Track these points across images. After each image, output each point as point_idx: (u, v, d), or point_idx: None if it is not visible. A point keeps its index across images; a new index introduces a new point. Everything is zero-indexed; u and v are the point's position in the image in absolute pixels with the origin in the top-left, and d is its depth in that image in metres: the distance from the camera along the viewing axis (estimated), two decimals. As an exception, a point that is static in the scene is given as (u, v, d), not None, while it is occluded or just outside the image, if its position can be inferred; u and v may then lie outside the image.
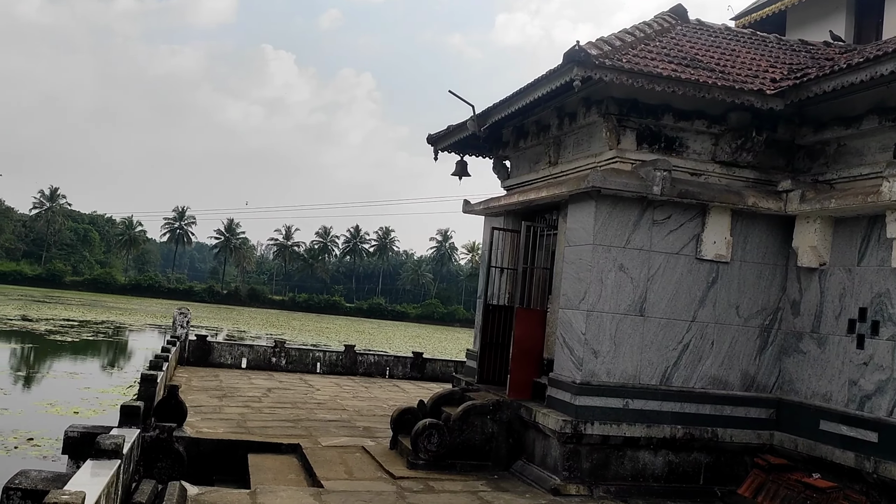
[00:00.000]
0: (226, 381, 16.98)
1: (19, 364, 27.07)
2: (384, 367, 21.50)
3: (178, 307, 21.59)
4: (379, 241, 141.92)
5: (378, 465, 9.70)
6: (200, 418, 11.88)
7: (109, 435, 6.58)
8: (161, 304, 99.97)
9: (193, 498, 7.55)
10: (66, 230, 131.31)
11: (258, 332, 54.78)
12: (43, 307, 63.96)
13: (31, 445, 13.83)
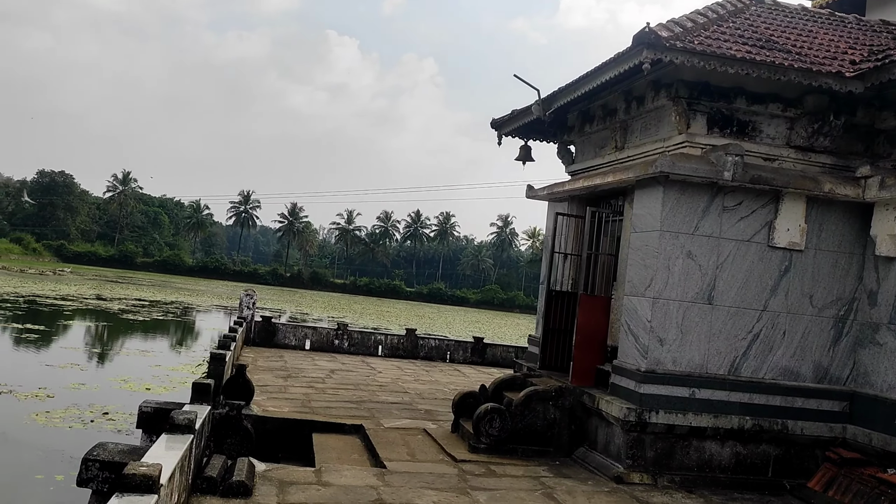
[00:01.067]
0: (290, 362, 17.33)
1: (94, 341, 28.16)
2: (445, 352, 21.61)
3: (245, 289, 22.08)
4: (439, 227, 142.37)
5: (440, 448, 9.77)
6: (266, 397, 12.16)
7: (183, 411, 6.79)
8: (227, 285, 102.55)
9: (261, 474, 7.74)
10: (137, 213, 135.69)
11: (320, 314, 55.71)
12: (116, 287, 66.34)
13: (107, 419, 14.39)
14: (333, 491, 7.44)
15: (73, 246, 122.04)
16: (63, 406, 15.07)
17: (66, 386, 17.51)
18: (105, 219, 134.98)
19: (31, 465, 11.25)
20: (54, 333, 29.59)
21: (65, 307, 40.41)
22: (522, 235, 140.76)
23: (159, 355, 26.04)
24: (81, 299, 47.14)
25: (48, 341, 26.61)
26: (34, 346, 24.80)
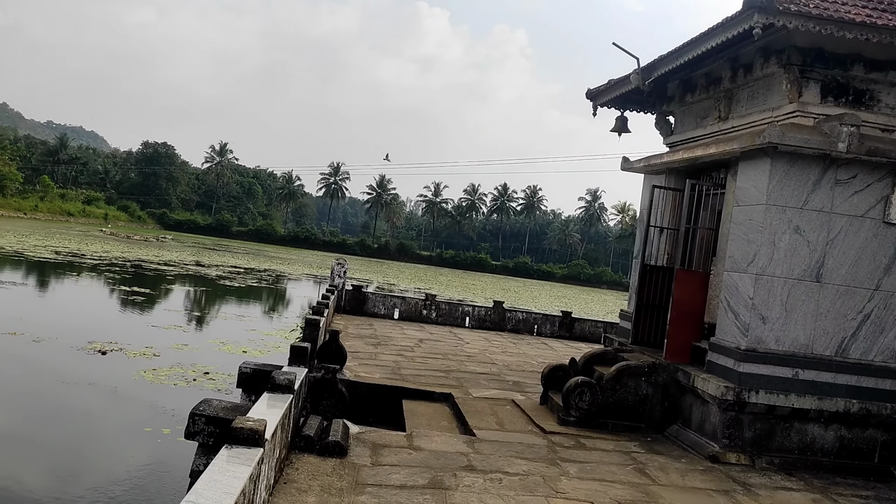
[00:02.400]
0: (379, 330, 17.64)
1: (193, 305, 29.44)
2: (532, 325, 21.54)
3: (336, 258, 22.56)
4: (526, 200, 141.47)
5: (528, 419, 9.77)
6: (357, 363, 12.42)
7: (283, 371, 7.01)
8: (316, 255, 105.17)
9: (355, 435, 7.93)
10: (233, 183, 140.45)
11: (406, 285, 56.43)
12: (213, 254, 69.03)
13: (207, 379, 15.05)
14: (425, 455, 7.55)
15: (174, 214, 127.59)
16: (168, 365, 15.85)
17: (171, 346, 18.39)
18: (203, 188, 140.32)
19: (140, 419, 11.90)
20: (158, 297, 31.10)
21: (167, 272, 42.36)
22: (612, 210, 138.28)
23: (254, 320, 27.00)
24: (182, 265, 49.30)
25: (153, 304, 28.00)
26: (140, 307, 26.14)
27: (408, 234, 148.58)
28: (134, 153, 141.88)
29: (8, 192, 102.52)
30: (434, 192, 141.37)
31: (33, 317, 21.68)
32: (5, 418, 11.71)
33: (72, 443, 10.85)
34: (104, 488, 8.86)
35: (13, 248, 44.90)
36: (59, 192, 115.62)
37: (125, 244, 67.73)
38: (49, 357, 15.89)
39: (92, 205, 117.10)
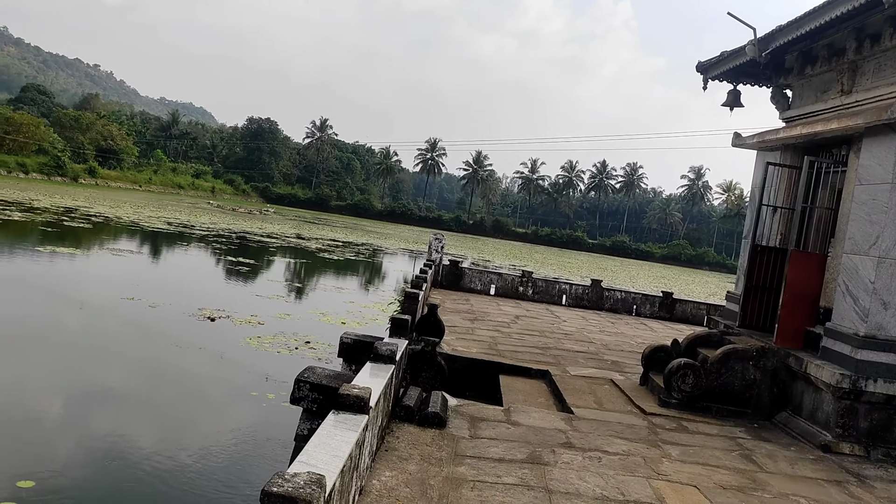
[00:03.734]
0: (476, 306, 17.70)
1: (294, 276, 30.36)
2: (631, 305, 21.13)
3: (434, 233, 22.72)
4: (626, 178, 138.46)
5: (627, 400, 9.60)
6: (455, 337, 12.51)
7: (385, 342, 7.12)
8: (412, 230, 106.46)
9: (453, 408, 8.00)
10: (332, 158, 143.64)
11: (501, 262, 56.38)
12: (313, 227, 70.97)
13: (308, 348, 15.51)
14: (523, 430, 7.54)
15: (276, 188, 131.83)
16: (271, 333, 16.43)
17: (274, 315, 19.05)
18: (304, 163, 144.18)
19: (246, 384, 12.40)
20: (261, 267, 32.25)
21: (269, 244, 43.86)
22: (716, 189, 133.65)
23: (352, 293, 27.63)
24: (283, 237, 50.93)
25: (256, 274, 29.07)
26: (245, 277, 27.18)
27: (503, 210, 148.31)
28: (239, 129, 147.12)
29: (125, 166, 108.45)
30: (531, 168, 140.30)
31: (148, 284, 22.91)
32: (123, 378, 12.45)
33: (182, 403, 11.43)
34: (212, 448, 9.30)
35: (130, 218, 47.50)
36: (171, 166, 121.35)
37: (230, 216, 70.54)
38: (163, 322, 16.76)
39: (200, 178, 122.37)
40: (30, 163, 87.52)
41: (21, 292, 19.17)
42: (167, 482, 7.95)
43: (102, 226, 40.17)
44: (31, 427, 9.33)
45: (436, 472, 5.96)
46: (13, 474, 7.39)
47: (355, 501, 4.90)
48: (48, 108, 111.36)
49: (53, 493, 7.19)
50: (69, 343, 14.34)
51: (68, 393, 11.15)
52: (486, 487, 5.79)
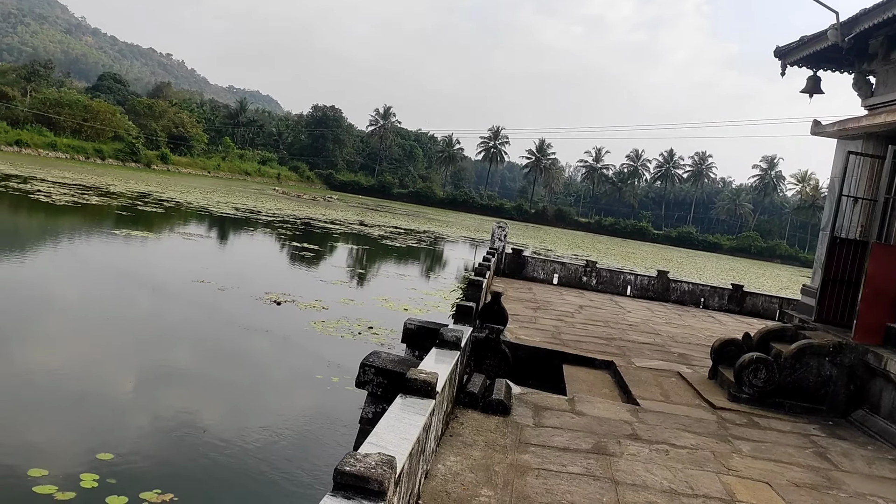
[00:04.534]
0: (539, 295, 17.57)
1: (357, 262, 30.69)
2: (698, 297, 20.65)
3: (497, 221, 22.64)
4: (694, 167, 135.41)
5: (696, 393, 9.39)
6: (518, 326, 12.44)
7: (451, 328, 7.13)
8: (473, 218, 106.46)
9: (517, 396, 7.96)
10: (395, 146, 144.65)
11: (563, 251, 55.90)
12: (375, 215, 71.65)
13: (371, 333, 15.67)
14: (587, 420, 7.45)
15: (340, 175, 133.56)
16: (335, 318, 16.65)
17: (338, 300, 19.31)
18: (367, 151, 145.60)
19: (310, 367, 12.60)
20: (325, 253, 32.75)
21: (333, 230, 44.47)
22: (790, 179, 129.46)
23: (414, 280, 27.79)
24: (347, 224, 51.57)
25: (320, 259, 29.53)
26: (309, 263, 27.63)
27: (566, 199, 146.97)
28: (304, 116, 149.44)
29: (195, 152, 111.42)
30: (595, 157, 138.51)
31: (217, 267, 23.50)
32: (193, 359, 12.81)
33: (249, 384, 11.69)
34: (277, 428, 9.49)
35: (199, 203, 48.79)
36: (238, 153, 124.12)
37: (295, 203, 71.78)
38: (231, 305, 17.16)
39: (266, 165, 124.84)
40: (106, 149, 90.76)
41: (98, 274, 19.92)
42: (234, 459, 8.15)
43: (173, 210, 41.38)
44: (108, 403, 9.68)
45: (500, 459, 5.94)
46: (94, 447, 7.69)
47: (421, 484, 4.91)
48: (123, 97, 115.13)
49: (129, 466, 7.45)
50: (142, 323, 14.82)
51: (141, 371, 11.54)
52: (551, 476, 5.74)
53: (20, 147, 79.39)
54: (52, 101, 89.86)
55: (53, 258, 21.71)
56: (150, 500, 6.74)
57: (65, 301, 15.91)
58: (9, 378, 10.08)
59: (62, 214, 30.83)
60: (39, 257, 21.63)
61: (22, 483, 6.72)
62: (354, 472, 3.10)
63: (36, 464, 7.07)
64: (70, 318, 14.30)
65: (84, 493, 6.66)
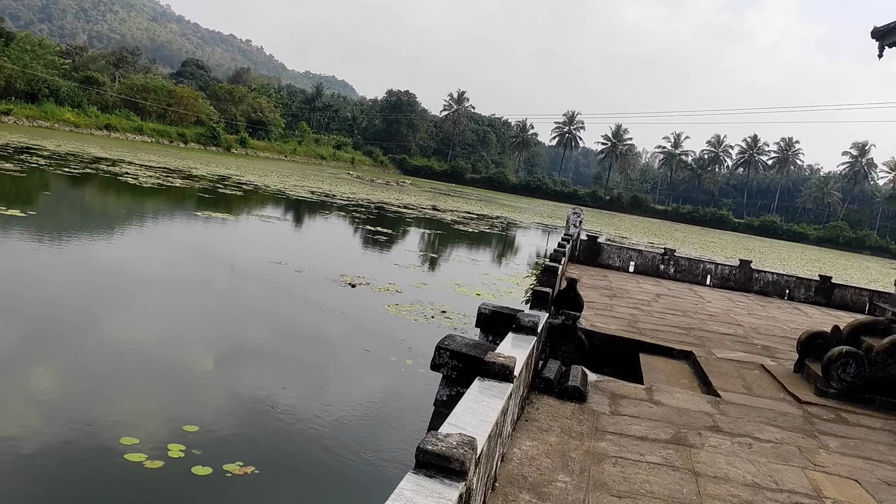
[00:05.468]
0: (614, 282, 17.30)
1: (429, 247, 30.84)
2: (783, 288, 19.93)
3: (573, 207, 22.37)
4: (779, 154, 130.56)
5: (780, 386, 9.07)
6: (593, 313, 12.28)
7: (528, 314, 7.08)
8: (546, 204, 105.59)
9: (593, 383, 7.86)
10: (468, 131, 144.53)
11: (638, 239, 54.89)
12: (448, 199, 71.82)
13: (444, 317, 15.73)
14: (666, 410, 7.30)
15: (413, 160, 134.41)
16: (409, 301, 16.79)
17: (411, 284, 19.46)
18: (440, 136, 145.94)
19: (384, 349, 12.75)
20: (398, 237, 33.03)
21: (406, 215, 44.80)
22: (882, 167, 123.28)
23: (485, 265, 27.76)
24: (420, 209, 51.86)
25: (394, 243, 29.80)
26: (382, 246, 27.92)
27: (642, 186, 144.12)
28: (379, 101, 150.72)
29: (272, 137, 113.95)
30: (674, 142, 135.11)
31: (293, 249, 24.00)
32: (270, 337, 13.13)
33: (325, 364, 11.91)
34: (351, 407, 9.64)
35: (276, 186, 49.91)
36: (314, 137, 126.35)
37: (369, 187, 72.61)
38: (307, 286, 17.51)
39: (341, 149, 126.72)
40: (189, 133, 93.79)
41: (180, 254, 20.63)
42: (311, 436, 8.32)
43: (252, 193, 42.46)
44: (192, 378, 10.03)
45: (576, 446, 5.88)
46: (180, 419, 7.99)
47: (498, 467, 4.91)
48: (205, 82, 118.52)
49: (213, 438, 7.71)
50: (222, 302, 15.28)
51: (222, 348, 11.91)
52: (628, 465, 5.65)
53: (109, 131, 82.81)
54: (138, 86, 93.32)
55: (140, 238, 22.60)
56: (232, 471, 6.96)
57: (150, 280, 16.55)
58: (100, 352, 10.56)
59: (148, 196, 32.03)
60: (127, 237, 22.55)
61: (115, 450, 7.04)
62: (436, 451, 3.11)
63: (127, 433, 7.40)
64: (155, 296, 14.86)
65: (171, 462, 6.92)
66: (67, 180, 32.81)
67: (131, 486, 6.53)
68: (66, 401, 8.32)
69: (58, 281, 14.67)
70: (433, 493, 2.97)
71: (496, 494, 4.71)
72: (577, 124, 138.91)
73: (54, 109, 78.97)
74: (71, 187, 31.12)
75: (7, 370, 9.15)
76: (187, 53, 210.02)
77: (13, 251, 16.69)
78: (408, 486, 2.97)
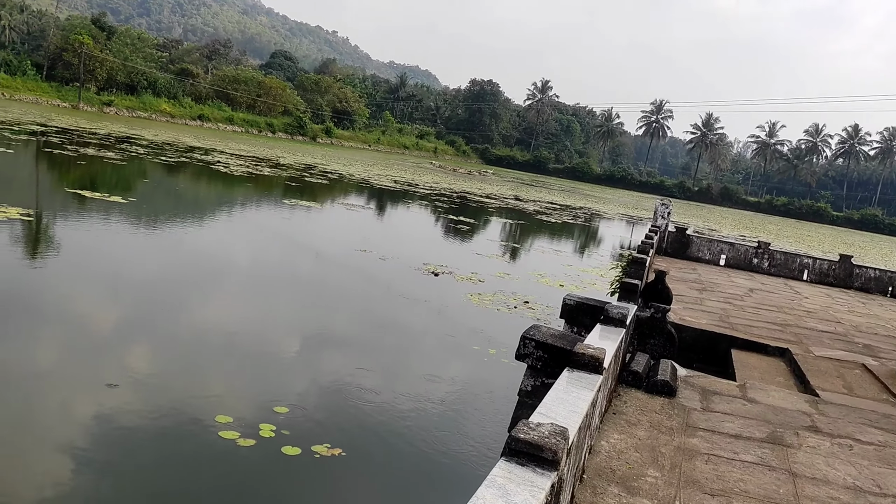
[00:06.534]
0: (704, 276, 16.81)
1: (511, 237, 30.70)
2: (887, 285, 18.88)
3: (661, 198, 21.84)
4: (883, 143, 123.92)
5: (883, 387, 8.61)
6: (682, 307, 11.95)
7: (617, 305, 6.95)
8: (631, 195, 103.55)
9: (683, 378, 7.65)
10: (552, 121, 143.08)
11: (728, 231, 53.23)
12: (530, 190, 71.36)
13: (527, 308, 15.64)
14: (761, 409, 7.03)
15: (495, 150, 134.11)
16: (491, 291, 16.76)
17: (493, 274, 19.43)
18: (523, 125, 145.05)
19: (467, 338, 12.77)
20: (480, 227, 33.05)
21: (488, 205, 44.74)
22: None
23: (568, 256, 27.47)
24: (502, 198, 51.72)
25: (475, 232, 29.83)
26: (464, 236, 27.97)
27: (733, 177, 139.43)
28: (462, 91, 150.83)
29: (357, 126, 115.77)
30: (768, 132, 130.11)
31: (378, 237, 24.36)
32: (355, 324, 13.35)
33: (409, 351, 12.03)
34: (435, 394, 9.69)
35: (360, 175, 50.71)
36: (397, 127, 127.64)
37: (451, 176, 72.88)
38: (391, 274, 17.73)
39: (424, 139, 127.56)
40: (276, 123, 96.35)
41: (268, 240, 21.23)
42: (395, 422, 8.42)
43: (336, 182, 43.27)
44: (280, 360, 10.32)
45: (666, 441, 5.74)
46: (270, 400, 8.23)
47: (586, 459, 4.84)
48: (293, 73, 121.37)
49: (302, 420, 7.90)
50: (309, 288, 15.64)
51: (309, 333, 12.19)
52: (721, 462, 5.47)
53: (202, 121, 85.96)
54: (229, 77, 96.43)
55: (230, 225, 23.37)
56: (320, 452, 7.12)
57: (239, 265, 17.10)
58: (193, 333, 10.98)
59: (238, 184, 33.07)
60: (218, 224, 23.36)
61: (210, 426, 7.31)
62: (528, 439, 3.08)
63: (222, 411, 7.67)
64: (244, 281, 15.34)
65: (262, 441, 7.13)
66: (164, 168, 34.23)
67: (225, 462, 6.76)
68: (165, 378, 8.69)
69: (154, 264, 15.34)
70: (525, 481, 2.94)
71: (584, 486, 4.64)
72: (665, 113, 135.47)
73: (152, 100, 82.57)
74: (167, 175, 32.45)
75: (109, 348, 9.63)
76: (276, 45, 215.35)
77: (116, 235, 17.54)
78: (500, 474, 2.95)
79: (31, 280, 12.51)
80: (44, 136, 38.14)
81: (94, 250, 15.49)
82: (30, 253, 14.37)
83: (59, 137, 38.59)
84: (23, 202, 18.90)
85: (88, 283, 13.02)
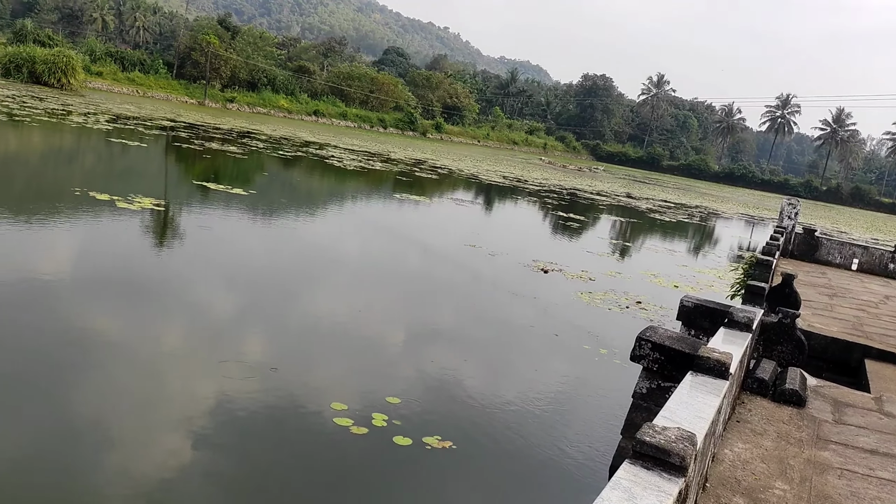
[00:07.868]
0: (834, 281, 15.85)
1: (622, 235, 29.99)
2: None
3: (788, 198, 20.73)
4: None
5: None
6: (810, 313, 11.31)
7: (743, 309, 6.64)
8: (752, 194, 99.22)
9: (812, 388, 7.22)
10: (667, 116, 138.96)
11: (859, 234, 50.04)
12: (643, 187, 69.56)
13: (639, 308, 15.23)
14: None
15: (607, 146, 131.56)
16: (602, 290, 16.43)
17: (604, 272, 19.04)
18: (637, 121, 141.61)
19: (577, 337, 12.56)
20: (590, 224, 32.47)
21: (599, 202, 43.92)
22: None
23: (683, 256, 26.57)
24: (613, 196, 50.67)
25: (585, 230, 29.33)
26: (574, 233, 27.56)
27: (865, 177, 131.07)
28: (573, 86, 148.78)
29: (466, 122, 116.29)
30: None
31: (487, 232, 24.35)
32: (464, 319, 13.38)
33: (517, 348, 11.91)
34: (545, 392, 9.57)
35: (469, 171, 50.90)
36: (507, 123, 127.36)
37: (561, 173, 72.06)
38: (500, 270, 17.67)
39: (533, 135, 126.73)
40: (388, 118, 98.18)
41: (379, 233, 21.63)
42: (504, 417, 8.37)
43: (446, 177, 43.61)
44: (390, 352, 10.49)
45: (795, 453, 5.42)
46: (383, 391, 8.37)
47: (709, 467, 4.63)
48: (404, 69, 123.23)
49: (413, 411, 7.98)
50: (418, 282, 15.81)
51: (418, 326, 12.32)
52: (856, 478, 5.12)
53: (317, 116, 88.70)
54: (344, 74, 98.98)
55: (343, 218, 23.97)
56: (431, 444, 7.16)
57: (350, 257, 17.50)
58: (307, 322, 11.31)
59: (351, 178, 33.89)
60: (332, 216, 24.01)
61: (326, 413, 7.51)
62: (655, 443, 2.98)
63: (336, 398, 7.85)
64: (355, 273, 15.68)
65: (375, 430, 7.25)
66: (281, 162, 35.52)
67: (338, 448, 6.92)
68: (281, 364, 8.98)
69: (270, 254, 15.92)
70: (652, 485, 2.85)
71: (707, 495, 4.45)
72: (792, 108, 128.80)
73: (271, 97, 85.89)
74: (284, 169, 33.66)
75: (228, 334, 10.05)
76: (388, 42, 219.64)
77: (238, 225, 18.34)
78: (625, 476, 2.87)
79: (161, 265, 13.25)
80: (173, 132, 40.36)
81: (217, 239, 16.24)
82: (160, 240, 15.22)
83: (187, 132, 40.75)
84: (155, 193, 20.06)
85: (210, 269, 13.66)
